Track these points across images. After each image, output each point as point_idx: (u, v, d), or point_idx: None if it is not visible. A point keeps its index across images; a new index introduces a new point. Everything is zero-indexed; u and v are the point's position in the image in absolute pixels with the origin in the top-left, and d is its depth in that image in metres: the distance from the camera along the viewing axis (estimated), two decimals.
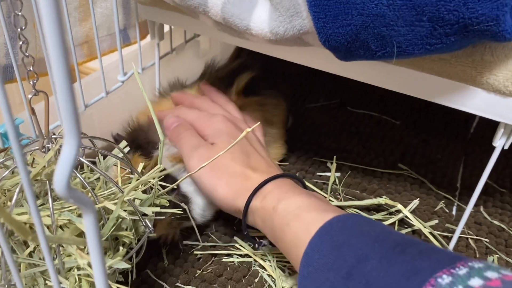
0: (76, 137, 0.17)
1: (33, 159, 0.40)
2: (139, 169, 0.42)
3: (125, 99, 0.61)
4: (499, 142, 0.46)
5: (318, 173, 0.65)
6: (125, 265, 0.34)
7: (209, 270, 0.49)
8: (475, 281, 0.29)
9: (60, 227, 0.35)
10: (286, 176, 0.48)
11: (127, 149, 0.43)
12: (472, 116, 0.77)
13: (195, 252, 0.51)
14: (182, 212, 0.43)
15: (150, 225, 0.37)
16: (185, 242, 0.52)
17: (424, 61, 0.43)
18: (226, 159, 0.48)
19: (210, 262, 0.50)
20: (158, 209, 0.37)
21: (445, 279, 0.30)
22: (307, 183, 0.62)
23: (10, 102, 0.22)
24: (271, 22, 0.41)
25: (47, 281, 0.34)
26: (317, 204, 0.43)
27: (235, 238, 0.53)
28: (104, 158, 0.44)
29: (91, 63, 0.77)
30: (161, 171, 0.38)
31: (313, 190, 0.61)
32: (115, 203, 0.35)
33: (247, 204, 0.46)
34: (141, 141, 0.53)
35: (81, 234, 0.35)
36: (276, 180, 0.47)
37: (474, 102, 0.43)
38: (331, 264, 0.36)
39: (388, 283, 0.33)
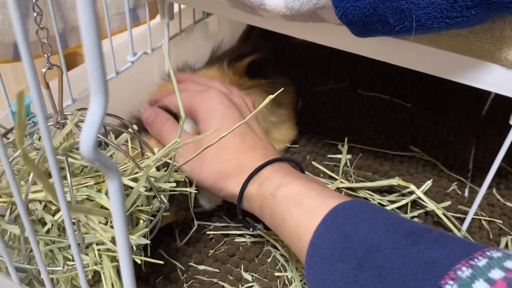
0: (103, 96, 0.17)
1: (39, 137, 0.39)
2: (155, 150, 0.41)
3: (135, 80, 0.61)
4: None
5: (329, 155, 0.64)
6: (145, 241, 0.34)
7: (221, 250, 0.49)
8: (496, 273, 0.28)
9: (78, 202, 0.34)
10: (283, 160, 0.47)
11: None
12: (485, 98, 0.77)
13: (208, 232, 0.51)
14: (196, 191, 0.43)
15: (165, 201, 0.37)
16: (197, 222, 0.52)
17: (441, 37, 0.42)
18: (215, 147, 0.44)
19: (223, 242, 0.50)
20: (174, 184, 0.37)
21: (464, 271, 0.29)
22: (317, 165, 0.62)
23: (22, 82, 0.21)
24: None
25: (65, 256, 0.34)
26: (319, 189, 0.41)
27: (247, 219, 0.53)
28: (115, 138, 0.43)
29: None
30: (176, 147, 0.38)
31: (323, 172, 0.61)
32: (132, 179, 0.35)
33: (242, 190, 0.44)
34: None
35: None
36: (274, 165, 0.45)
37: (492, 79, 0.43)
38: (339, 255, 0.35)
39: (402, 276, 0.31)
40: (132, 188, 0.34)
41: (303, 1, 0.40)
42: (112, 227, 0.33)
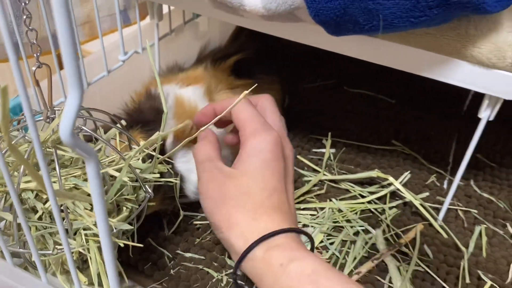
0: (78, 88, 0.19)
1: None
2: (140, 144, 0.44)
3: (126, 78, 0.63)
4: (484, 114, 0.47)
5: (313, 150, 0.67)
6: (127, 226, 0.36)
7: (207, 239, 0.52)
8: None
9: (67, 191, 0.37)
10: (299, 232, 0.43)
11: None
12: (465, 94, 0.79)
13: (195, 222, 0.54)
14: (178, 181, 0.45)
15: (150, 191, 0.39)
16: (184, 213, 0.54)
17: (411, 36, 0.45)
18: (239, 189, 0.43)
19: (209, 231, 0.53)
20: (158, 175, 0.39)
21: None
22: (302, 159, 0.64)
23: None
24: None
25: (56, 243, 0.37)
26: (336, 272, 0.38)
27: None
28: (105, 132, 0.46)
29: (91, 47, 0.79)
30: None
31: (307, 165, 0.63)
32: (117, 170, 0.37)
33: (249, 250, 0.40)
34: (139, 120, 0.55)
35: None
36: (288, 234, 0.42)
37: (460, 74, 0.45)
38: None
39: None
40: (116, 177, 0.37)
41: (279, 2, 0.42)
42: None
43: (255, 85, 0.43)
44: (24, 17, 0.35)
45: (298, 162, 0.64)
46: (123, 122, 0.46)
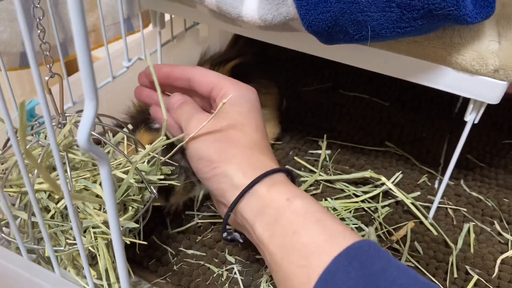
0: (94, 100, 0.22)
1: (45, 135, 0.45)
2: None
3: (130, 84, 0.66)
4: (470, 117, 0.50)
5: (310, 151, 0.70)
6: (133, 225, 0.39)
7: (208, 236, 0.55)
8: None
9: (77, 192, 0.40)
10: (292, 175, 0.44)
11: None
12: (456, 98, 0.82)
13: (197, 221, 0.56)
14: (179, 184, 0.48)
15: (155, 191, 0.42)
16: (187, 212, 0.57)
17: (399, 44, 0.48)
18: (236, 128, 0.42)
19: (210, 229, 0.56)
20: (162, 176, 0.42)
21: None
22: (299, 160, 0.67)
23: (25, 87, 0.27)
24: (260, 10, 0.46)
25: (67, 240, 0.40)
26: (336, 219, 0.38)
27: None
28: (113, 136, 0.49)
29: (97, 53, 0.82)
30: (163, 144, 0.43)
31: (304, 166, 0.66)
32: (123, 172, 0.40)
33: (252, 184, 0.39)
34: (143, 120, 0.57)
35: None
36: (284, 173, 0.42)
37: (445, 80, 0.48)
38: None
39: None
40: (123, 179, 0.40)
41: (275, 13, 0.45)
42: (105, 212, 0.38)
43: (230, 96, 0.44)
44: (39, 31, 0.38)
45: (295, 163, 0.67)
46: (130, 126, 0.48)
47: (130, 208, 0.39)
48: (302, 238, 0.36)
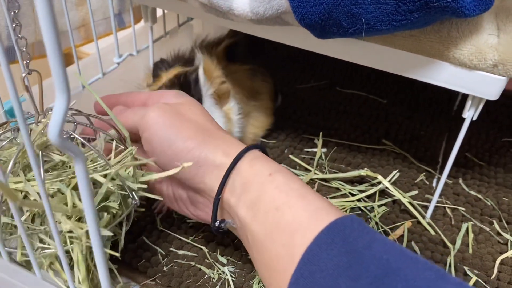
0: (65, 92, 0.21)
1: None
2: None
3: (121, 80, 0.65)
4: (468, 114, 0.49)
5: (305, 149, 0.68)
6: (108, 233, 0.37)
7: (200, 237, 0.53)
8: None
9: (51, 196, 0.38)
10: (265, 150, 0.43)
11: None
12: (455, 95, 0.80)
13: (188, 221, 0.55)
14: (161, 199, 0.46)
15: (136, 198, 0.41)
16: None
17: (395, 38, 0.46)
18: (195, 112, 0.42)
19: (202, 230, 0.54)
20: (145, 186, 0.41)
21: None
22: (294, 158, 0.66)
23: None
24: (252, 2, 0.44)
25: (42, 243, 0.38)
26: (319, 195, 0.38)
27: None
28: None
29: (87, 49, 0.81)
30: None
31: (299, 165, 0.65)
32: (103, 175, 0.39)
33: (236, 159, 0.39)
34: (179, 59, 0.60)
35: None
36: (259, 149, 0.42)
37: (443, 75, 0.46)
38: (345, 269, 0.31)
39: None
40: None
41: (267, 6, 0.44)
42: (79, 220, 0.37)
43: (190, 164, 0.39)
44: (14, 25, 0.37)
45: (290, 162, 0.66)
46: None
47: (105, 215, 0.38)
48: (285, 215, 0.35)
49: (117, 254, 0.38)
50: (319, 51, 0.51)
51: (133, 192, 0.42)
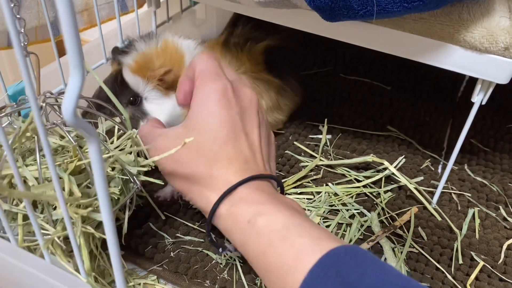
0: (80, 69, 0.20)
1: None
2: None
3: None
4: (477, 98, 0.48)
5: (310, 136, 0.68)
6: (100, 218, 0.37)
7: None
8: None
9: (47, 179, 0.38)
10: (261, 178, 0.42)
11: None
12: (460, 81, 0.80)
13: (194, 207, 0.55)
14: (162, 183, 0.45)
15: (138, 182, 0.40)
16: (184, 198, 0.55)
17: (405, 21, 0.46)
18: (190, 150, 0.42)
19: None
20: (144, 168, 0.40)
21: None
22: (299, 145, 0.65)
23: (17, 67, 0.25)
24: None
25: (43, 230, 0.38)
26: (308, 226, 0.37)
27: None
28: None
29: (87, 36, 0.80)
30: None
31: (304, 151, 0.64)
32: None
33: (213, 210, 0.40)
34: None
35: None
36: (251, 184, 0.41)
37: (453, 59, 0.46)
38: None
39: None
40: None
41: None
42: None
43: (191, 139, 0.41)
44: (12, 5, 0.36)
45: (295, 148, 0.65)
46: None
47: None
48: (271, 259, 0.36)
49: (104, 236, 0.38)
50: (326, 35, 0.50)
51: (134, 177, 0.41)
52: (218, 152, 0.42)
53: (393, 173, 0.59)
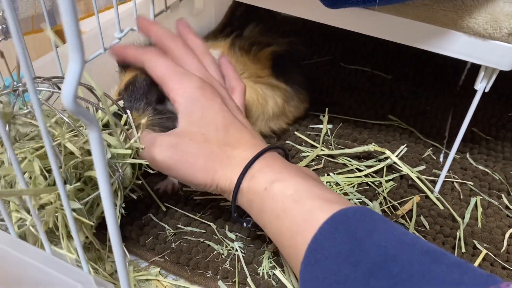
0: (80, 54, 0.20)
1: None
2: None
3: None
4: (480, 85, 0.48)
5: (311, 126, 0.67)
6: (77, 205, 0.36)
7: (208, 213, 0.53)
8: None
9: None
10: (272, 149, 0.45)
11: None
12: (461, 70, 0.79)
13: (195, 198, 0.54)
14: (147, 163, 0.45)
15: (120, 169, 0.40)
16: (184, 189, 0.55)
17: (408, 8, 0.45)
18: (197, 141, 0.43)
19: (209, 206, 0.54)
20: (127, 151, 0.40)
21: None
22: (300, 135, 0.65)
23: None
24: None
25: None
26: (319, 191, 0.39)
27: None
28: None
29: (85, 26, 0.79)
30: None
31: (305, 141, 0.64)
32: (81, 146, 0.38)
33: (238, 184, 0.42)
34: None
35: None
36: (265, 156, 0.43)
37: (456, 46, 0.45)
38: (347, 256, 0.34)
39: None
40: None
41: None
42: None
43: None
44: None
45: (296, 138, 0.65)
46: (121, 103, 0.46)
47: (68, 186, 0.37)
48: (283, 221, 0.38)
49: (91, 223, 0.38)
50: (327, 22, 0.50)
51: (117, 164, 0.41)
52: (225, 137, 0.44)
53: (394, 162, 0.59)
